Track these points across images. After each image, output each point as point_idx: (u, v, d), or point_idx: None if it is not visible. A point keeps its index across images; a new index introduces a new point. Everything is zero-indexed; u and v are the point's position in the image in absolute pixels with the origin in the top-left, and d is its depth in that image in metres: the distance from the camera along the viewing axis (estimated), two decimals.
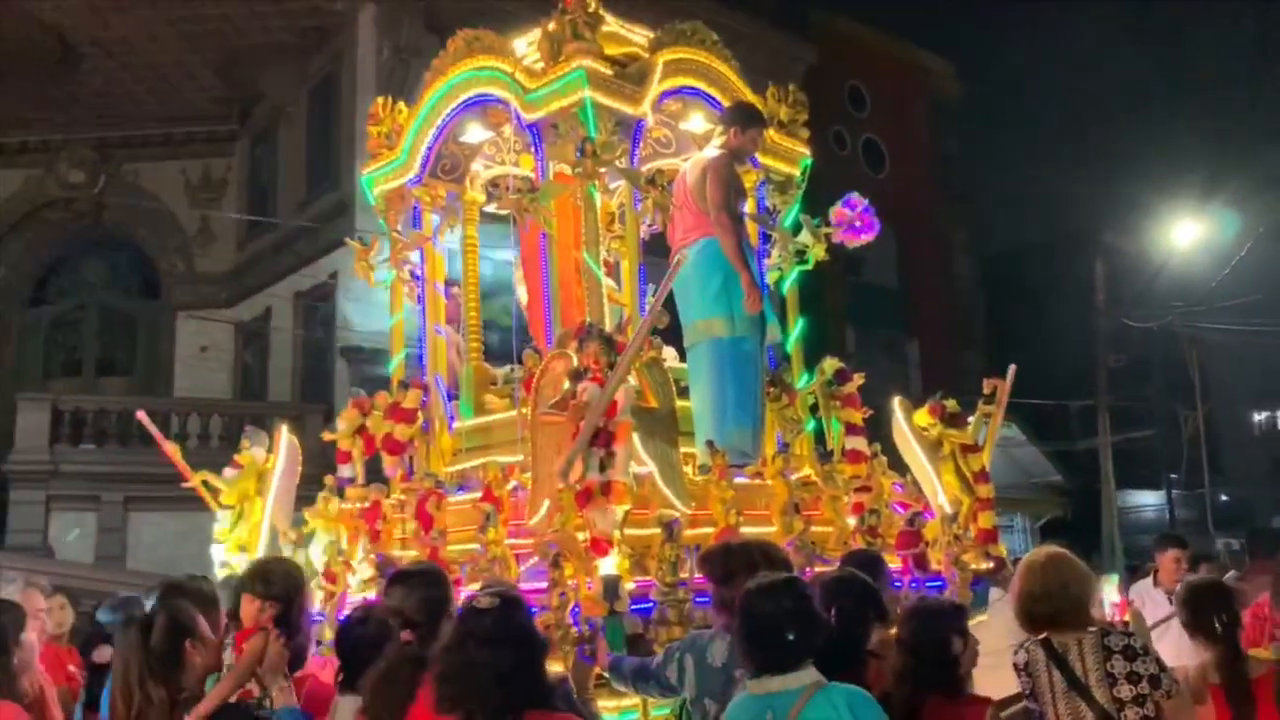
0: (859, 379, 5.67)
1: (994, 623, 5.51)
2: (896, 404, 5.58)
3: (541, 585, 4.05)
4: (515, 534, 4.60)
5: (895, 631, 3.54)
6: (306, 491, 5.64)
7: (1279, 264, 20.85)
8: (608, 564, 3.89)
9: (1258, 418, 34.42)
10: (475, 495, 4.84)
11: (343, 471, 5.74)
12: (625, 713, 3.83)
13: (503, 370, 5.88)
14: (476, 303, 5.99)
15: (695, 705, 3.28)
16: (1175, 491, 23.55)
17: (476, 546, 4.60)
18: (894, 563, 4.94)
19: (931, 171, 25.59)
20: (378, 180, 6.03)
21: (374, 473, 5.70)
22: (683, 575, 4.05)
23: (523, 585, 4.03)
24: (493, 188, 6.30)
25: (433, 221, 5.94)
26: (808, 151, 6.06)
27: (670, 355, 5.55)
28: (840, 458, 5.50)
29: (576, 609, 3.86)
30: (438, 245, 6.00)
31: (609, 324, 4.98)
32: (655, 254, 5.94)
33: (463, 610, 2.78)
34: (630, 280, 5.17)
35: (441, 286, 6.02)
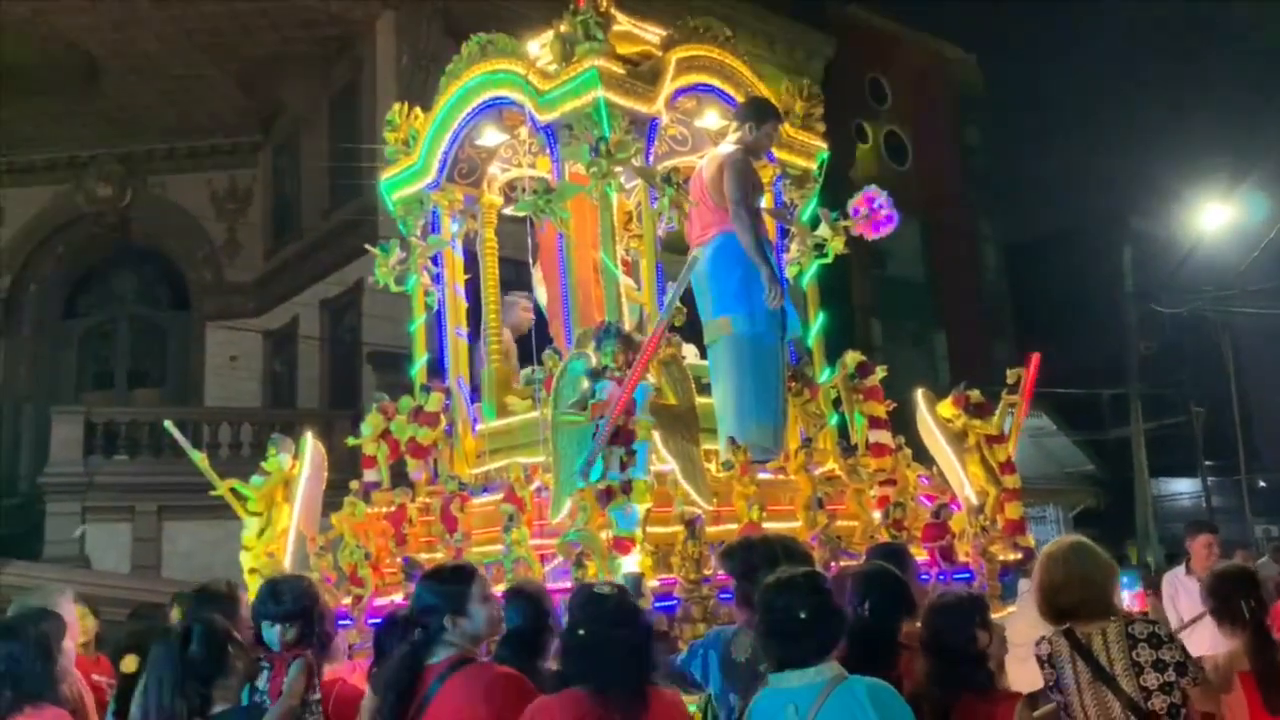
0: (881, 371, 5.64)
1: (1023, 614, 5.47)
2: (920, 396, 5.56)
3: (565, 585, 4.07)
4: (539, 534, 4.62)
5: (919, 625, 3.52)
6: (335, 497, 5.69)
7: None
8: (630, 562, 3.89)
9: None
10: (499, 497, 4.86)
11: (368, 476, 5.79)
12: None
13: (524, 371, 5.90)
14: (496, 305, 6.00)
15: (720, 701, 3.28)
16: (1212, 478, 23.26)
17: (500, 548, 4.63)
18: (920, 555, 4.92)
19: (955, 162, 25.42)
20: (396, 186, 6.07)
21: (399, 477, 5.75)
22: (706, 572, 4.05)
23: (548, 586, 4.05)
24: (510, 190, 6.32)
25: (451, 226, 5.96)
26: (824, 145, 6.04)
27: (691, 352, 5.56)
28: (864, 451, 5.48)
29: None
30: (456, 249, 6.03)
31: (628, 323, 4.99)
32: (673, 252, 5.95)
33: (582, 596, 3.07)
34: (649, 279, 5.17)
35: (461, 289, 6.04)
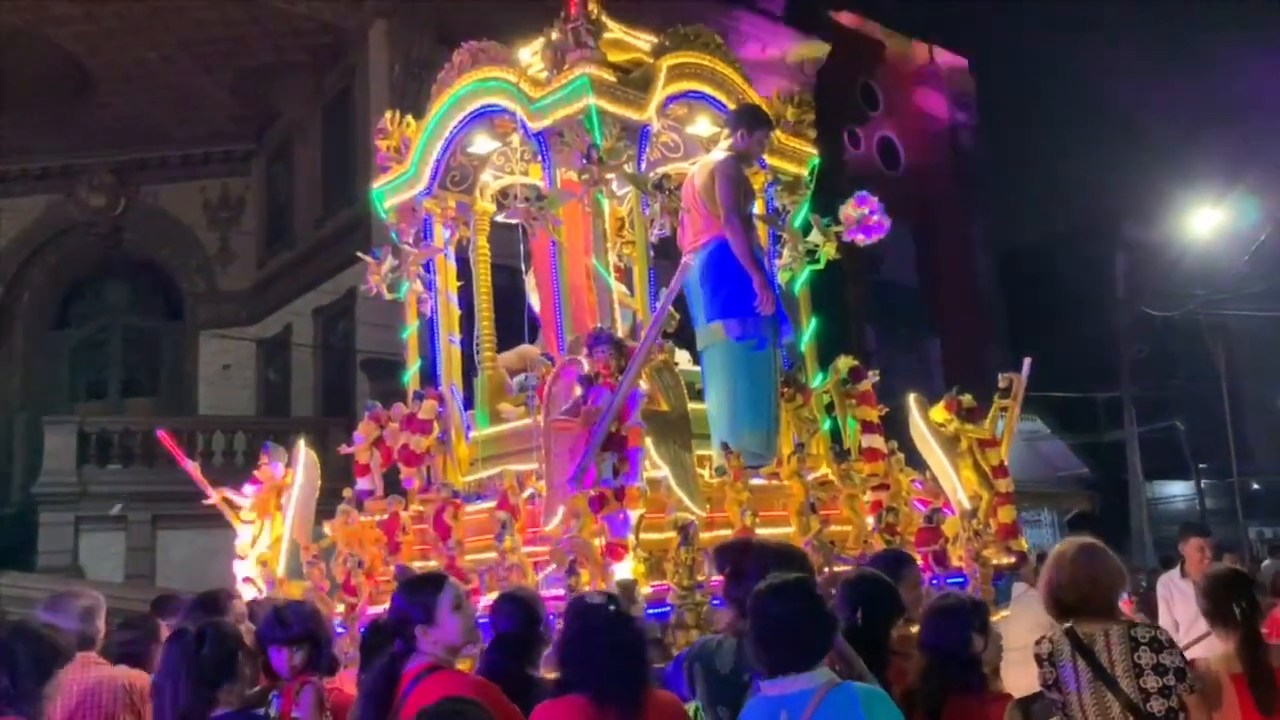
0: (874, 376, 5.65)
1: (1018, 618, 5.48)
2: (912, 401, 5.57)
3: (558, 592, 4.06)
4: (532, 541, 4.61)
5: (916, 630, 3.54)
6: (329, 505, 5.68)
7: None
8: (623, 569, 3.89)
9: None
10: (492, 504, 4.86)
11: (361, 484, 5.78)
12: None
13: (517, 378, 5.90)
14: (489, 312, 6.00)
15: (707, 711, 3.28)
16: (1205, 481, 23.29)
17: (493, 555, 4.63)
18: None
19: (948, 167, 25.47)
20: (388, 193, 6.07)
21: (392, 485, 5.74)
22: (699, 578, 4.05)
23: (541, 593, 4.05)
24: (502, 197, 6.33)
25: (444, 233, 5.97)
26: (815, 151, 6.06)
27: (683, 358, 5.56)
28: (857, 456, 5.49)
29: None
30: (449, 256, 6.03)
31: (621, 329, 5.00)
32: (665, 258, 5.95)
33: (576, 607, 3.14)
34: (641, 285, 5.17)
35: (454, 297, 6.04)
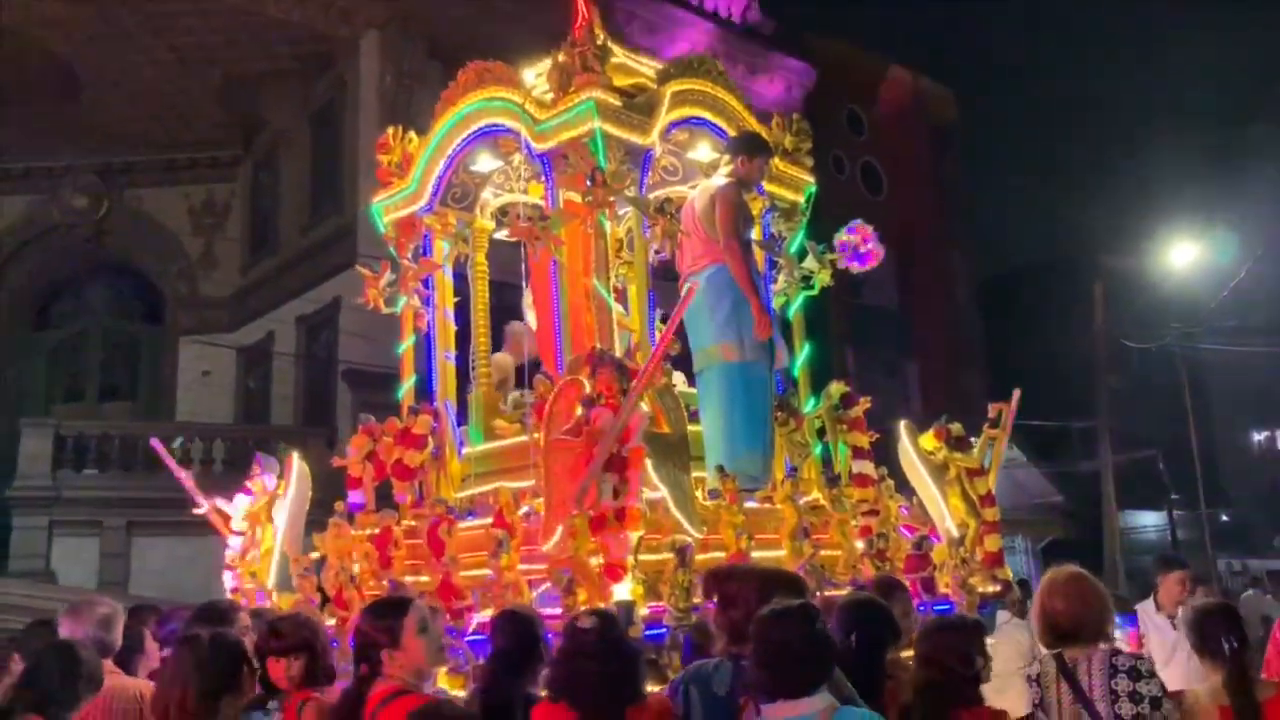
0: (865, 402, 5.71)
1: (1002, 646, 5.56)
2: (903, 427, 5.63)
3: (554, 611, 4.09)
4: (527, 559, 4.63)
5: (911, 651, 3.59)
6: (315, 516, 5.69)
7: (1277, 284, 20.92)
8: (622, 589, 3.92)
9: (1258, 437, 34.43)
10: (485, 521, 4.87)
11: (353, 497, 5.77)
12: None
13: (513, 395, 5.92)
14: (486, 329, 6.03)
15: None
16: (1176, 512, 23.54)
17: (488, 572, 4.64)
18: None
19: (930, 194, 25.72)
20: (388, 208, 6.09)
21: (383, 499, 5.75)
22: (695, 600, 4.08)
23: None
24: (502, 215, 6.37)
25: (443, 249, 6.00)
26: (812, 179, 6.14)
27: (678, 380, 5.61)
28: (848, 481, 5.54)
29: None
30: (447, 272, 6.06)
31: (618, 350, 5.03)
32: (662, 280, 6.01)
33: (567, 629, 3.24)
34: (639, 306, 5.22)
35: (451, 313, 6.07)
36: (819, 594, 4.55)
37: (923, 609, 5.06)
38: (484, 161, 5.85)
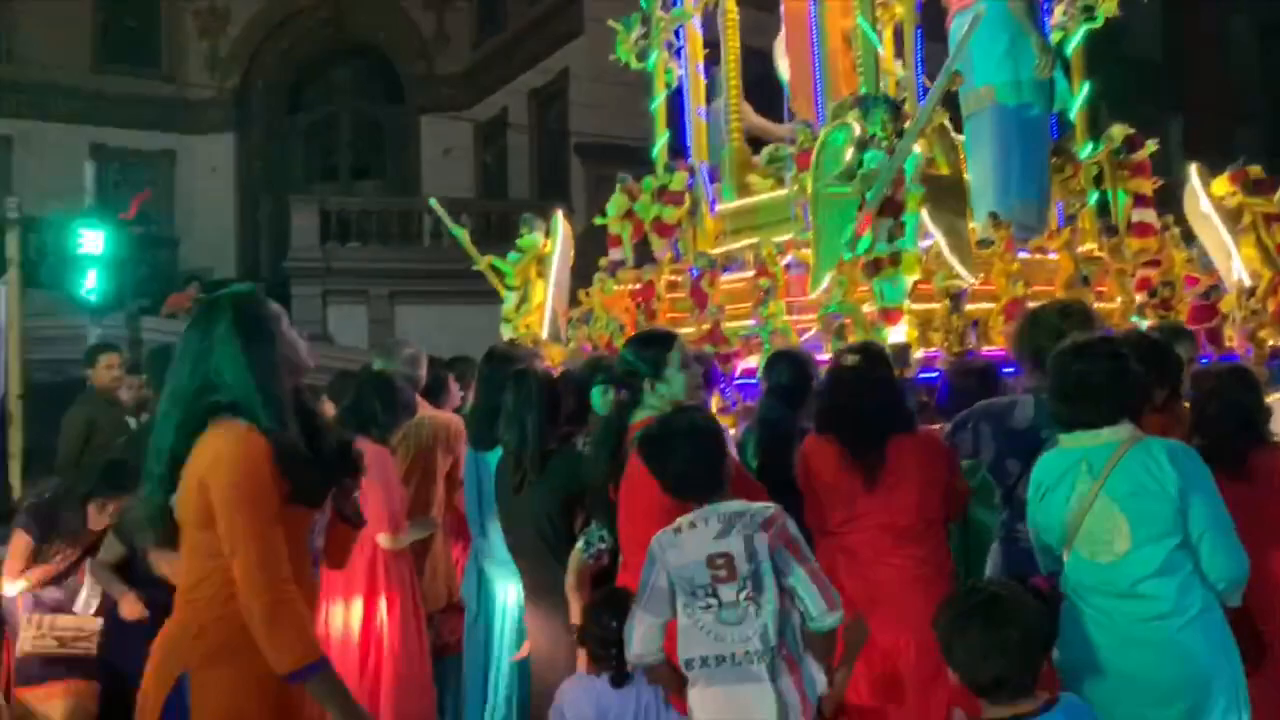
0: (1151, 146, 5.30)
1: None
2: (1193, 170, 5.21)
3: (820, 357, 4.14)
4: (789, 309, 4.69)
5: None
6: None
7: None
8: (897, 332, 3.92)
9: None
10: (745, 274, 4.94)
11: (613, 254, 5.97)
12: None
13: (766, 149, 5.84)
14: (737, 81, 5.89)
15: (995, 468, 3.33)
16: None
17: (749, 322, 4.74)
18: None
19: None
20: None
21: (642, 256, 5.90)
22: (969, 346, 4.04)
23: None
24: None
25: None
26: None
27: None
28: (1126, 231, 5.23)
29: None
30: (697, 24, 5.92)
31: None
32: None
33: (831, 365, 3.36)
34: (907, 45, 4.95)
35: (702, 67, 5.96)
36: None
37: (1206, 361, 4.83)
38: None
